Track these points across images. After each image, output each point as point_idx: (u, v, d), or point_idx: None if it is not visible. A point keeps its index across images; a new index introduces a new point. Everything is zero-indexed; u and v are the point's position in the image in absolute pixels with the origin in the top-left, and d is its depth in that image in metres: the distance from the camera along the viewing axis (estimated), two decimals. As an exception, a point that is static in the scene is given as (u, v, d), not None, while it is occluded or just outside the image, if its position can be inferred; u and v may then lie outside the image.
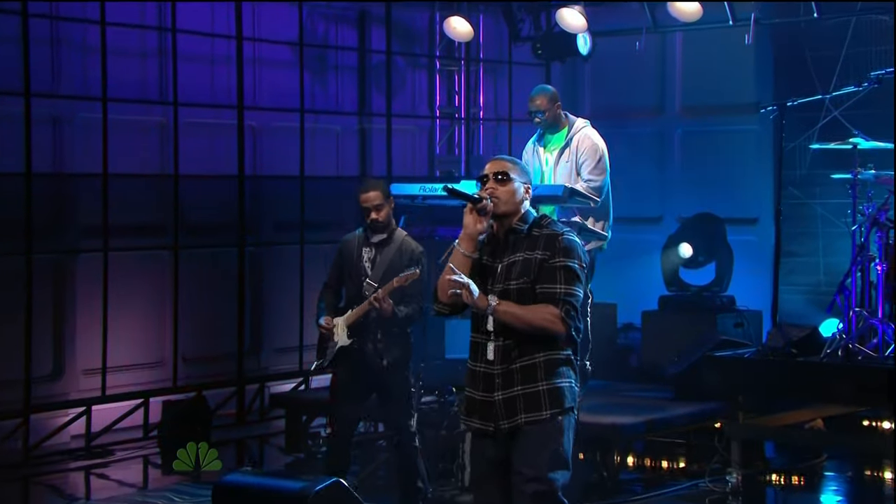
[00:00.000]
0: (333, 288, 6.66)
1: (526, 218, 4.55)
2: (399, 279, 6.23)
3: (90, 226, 8.84)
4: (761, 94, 10.35)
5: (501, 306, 4.38)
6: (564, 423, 4.45)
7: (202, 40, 9.47)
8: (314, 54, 10.27)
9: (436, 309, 4.62)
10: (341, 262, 6.59)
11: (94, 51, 8.73)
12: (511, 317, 4.38)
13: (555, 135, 7.50)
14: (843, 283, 7.46)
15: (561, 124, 7.48)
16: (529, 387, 4.42)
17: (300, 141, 9.94)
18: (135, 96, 9.11)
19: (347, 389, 6.55)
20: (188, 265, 9.32)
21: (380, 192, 6.43)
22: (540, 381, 4.43)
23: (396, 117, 10.71)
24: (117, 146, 8.84)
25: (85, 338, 8.82)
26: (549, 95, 7.46)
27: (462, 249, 4.47)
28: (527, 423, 4.41)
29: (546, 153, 7.50)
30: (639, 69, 11.00)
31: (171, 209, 9.18)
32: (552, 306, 4.38)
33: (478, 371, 4.52)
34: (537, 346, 4.43)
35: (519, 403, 4.42)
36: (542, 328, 4.38)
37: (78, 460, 8.44)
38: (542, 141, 7.57)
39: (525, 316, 4.38)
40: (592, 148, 7.33)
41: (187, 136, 9.29)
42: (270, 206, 10.04)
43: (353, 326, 6.45)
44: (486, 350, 4.48)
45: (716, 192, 10.49)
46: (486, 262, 4.55)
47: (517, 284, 4.44)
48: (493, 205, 4.47)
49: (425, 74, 11.28)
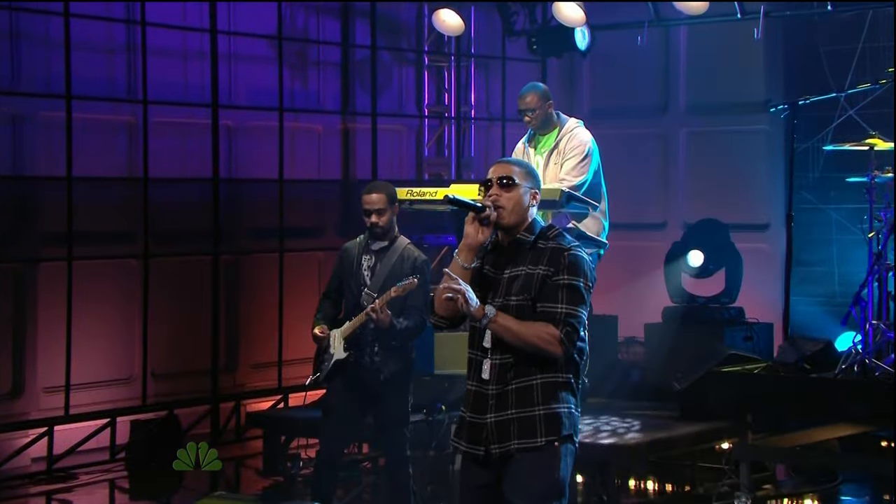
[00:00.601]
0: (332, 298, 6.65)
1: (532, 228, 4.46)
2: (397, 288, 6.20)
3: (53, 233, 8.79)
4: (771, 92, 10.37)
5: (498, 318, 4.31)
6: (561, 451, 4.35)
7: (173, 34, 9.45)
8: (294, 49, 10.25)
9: (433, 321, 4.55)
10: (340, 271, 6.59)
11: (57, 45, 8.69)
12: (505, 330, 4.31)
13: (545, 135, 7.51)
14: (859, 293, 7.46)
15: (552, 124, 7.50)
16: (524, 411, 4.35)
17: (279, 142, 9.91)
18: (101, 94, 9.07)
19: (341, 406, 6.52)
20: (158, 275, 9.28)
21: (384, 196, 6.43)
22: (536, 405, 4.35)
23: (382, 116, 10.71)
24: (82, 147, 8.79)
25: (47, 353, 8.76)
26: (540, 93, 7.47)
27: (461, 261, 4.38)
28: (519, 449, 4.33)
29: (536, 155, 7.50)
30: (641, 66, 11.02)
31: (140, 215, 9.13)
32: (552, 326, 4.30)
33: (471, 390, 4.45)
34: (536, 368, 4.35)
35: (512, 428, 4.35)
36: (538, 348, 4.31)
37: (39, 485, 8.38)
38: (532, 142, 7.58)
39: (521, 332, 4.31)
40: (579, 147, 7.33)
41: (158, 137, 9.25)
42: (247, 211, 10.01)
43: (350, 339, 6.43)
44: (481, 368, 4.42)
45: (723, 196, 10.50)
46: (489, 272, 4.46)
47: (517, 301, 4.36)
48: (496, 214, 4.40)
49: (413, 71, 11.28)
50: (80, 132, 8.79)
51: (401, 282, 6.22)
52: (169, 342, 9.42)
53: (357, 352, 6.42)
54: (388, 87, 10.94)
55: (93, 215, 8.94)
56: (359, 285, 6.44)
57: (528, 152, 7.58)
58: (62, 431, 8.70)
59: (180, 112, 9.48)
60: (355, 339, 6.42)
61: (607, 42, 10.57)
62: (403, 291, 6.20)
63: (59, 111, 8.69)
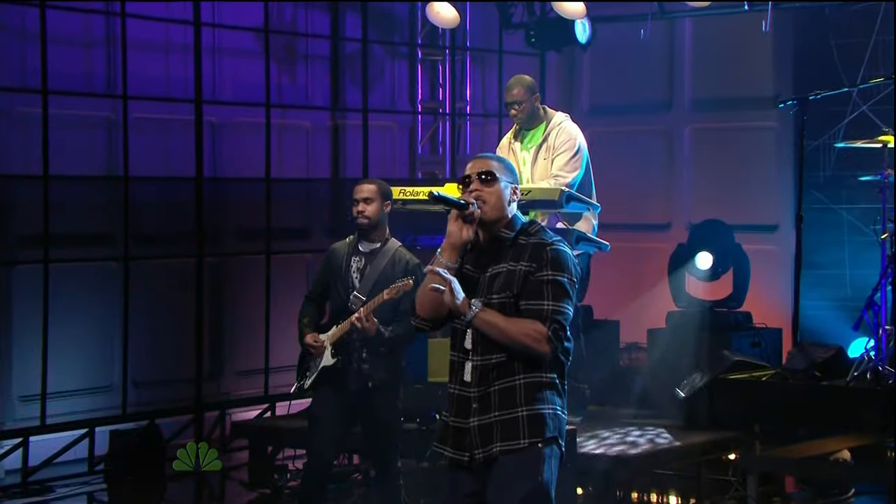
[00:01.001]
0: (316, 301, 6.61)
1: (513, 224, 4.50)
2: (390, 291, 6.18)
3: (28, 234, 8.78)
4: (780, 87, 10.36)
5: (483, 313, 4.32)
6: (545, 454, 4.38)
7: (155, 26, 9.42)
8: (281, 42, 10.25)
9: (415, 323, 4.57)
10: (327, 272, 6.56)
11: (33, 37, 8.66)
12: (491, 327, 4.33)
13: (531, 130, 7.52)
14: (871, 297, 7.46)
15: (539, 119, 7.53)
16: (507, 412, 4.37)
17: (266, 139, 9.89)
18: (79, 88, 9.06)
19: (327, 416, 6.48)
20: (140, 278, 9.26)
21: (375, 187, 6.42)
22: (519, 406, 4.38)
23: (373, 113, 10.70)
24: (59, 144, 8.77)
25: (22, 360, 8.74)
26: (527, 85, 7.50)
27: (444, 260, 4.41)
28: (502, 452, 4.36)
29: (523, 150, 7.52)
30: (644, 60, 11.01)
31: (120, 215, 9.11)
32: (539, 323, 4.31)
33: (453, 394, 4.47)
34: (519, 368, 4.38)
35: (495, 430, 4.37)
36: (524, 345, 4.33)
37: (13, 498, 8.35)
38: (518, 137, 7.58)
39: (507, 328, 4.33)
40: (570, 141, 7.36)
41: (138, 134, 9.24)
42: (232, 211, 9.99)
43: (338, 344, 6.40)
44: (463, 370, 4.43)
45: (730, 196, 10.50)
46: (468, 272, 4.49)
47: (499, 299, 4.38)
48: (479, 210, 4.41)
49: (406, 65, 11.27)
50: (58, 129, 8.76)
51: (393, 284, 6.20)
52: (150, 348, 9.40)
53: (344, 358, 6.39)
54: (379, 82, 10.94)
55: (70, 216, 8.93)
56: (347, 288, 6.41)
57: (513, 148, 7.59)
58: (38, 442, 8.68)
59: (162, 108, 9.47)
60: (343, 344, 6.39)
61: (609, 35, 10.57)
62: (397, 294, 6.17)
63: (35, 107, 8.66)
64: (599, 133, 9.86)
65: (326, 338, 6.43)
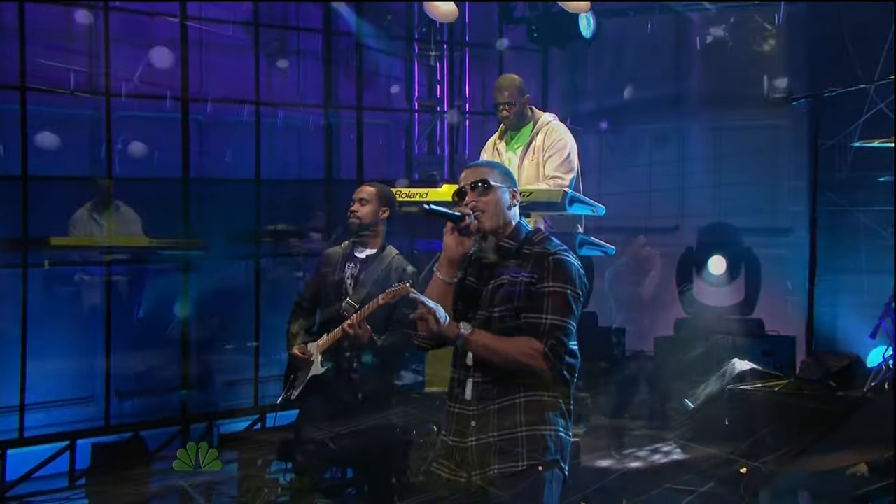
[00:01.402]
0: (305, 307, 6.58)
1: (516, 232, 4.44)
2: (385, 295, 6.14)
3: (6, 238, 8.73)
4: (794, 83, 10.33)
5: (474, 336, 4.24)
6: (545, 477, 4.33)
7: (139, 19, 9.42)
8: (272, 37, 10.21)
9: (416, 342, 4.54)
10: (319, 278, 6.53)
11: (10, 32, 8.64)
12: (483, 349, 4.27)
13: (519, 130, 7.52)
14: (889, 304, 7.42)
15: (526, 119, 7.53)
16: (506, 433, 4.33)
17: (255, 138, 9.86)
18: (60, 85, 9.03)
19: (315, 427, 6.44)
20: (123, 284, 9.20)
21: (374, 190, 6.44)
22: (519, 425, 4.33)
23: (368, 110, 10.69)
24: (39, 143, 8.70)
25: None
26: (518, 85, 7.55)
27: (442, 276, 4.37)
28: (500, 474, 4.28)
29: (509, 151, 7.51)
30: (651, 56, 10.99)
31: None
32: (534, 340, 4.24)
33: (453, 412, 4.41)
34: (520, 386, 4.33)
35: (493, 451, 4.31)
36: (521, 364, 4.27)
37: (-10, 514, 8.35)
38: (503, 137, 7.58)
39: (499, 348, 4.27)
40: (560, 142, 7.37)
41: (122, 133, 9.23)
42: (220, 214, 9.95)
43: (328, 353, 6.36)
44: (464, 388, 4.37)
45: (741, 197, 10.47)
46: (471, 284, 4.43)
47: (500, 312, 4.34)
48: (476, 221, 4.35)
49: (402, 61, 11.23)
50: (37, 127, 8.73)
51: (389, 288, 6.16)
52: (134, 358, 9.36)
53: (334, 367, 6.35)
54: (374, 79, 10.92)
55: (51, 219, 8.92)
56: (339, 295, 6.39)
57: (498, 149, 7.59)
58: (16, 456, 8.67)
59: (147, 105, 9.46)
60: (333, 353, 6.35)
61: (614, 29, 10.56)
62: (393, 298, 6.13)
63: (12, 104, 8.64)
64: (604, 133, 9.85)
65: (316, 347, 6.39)
